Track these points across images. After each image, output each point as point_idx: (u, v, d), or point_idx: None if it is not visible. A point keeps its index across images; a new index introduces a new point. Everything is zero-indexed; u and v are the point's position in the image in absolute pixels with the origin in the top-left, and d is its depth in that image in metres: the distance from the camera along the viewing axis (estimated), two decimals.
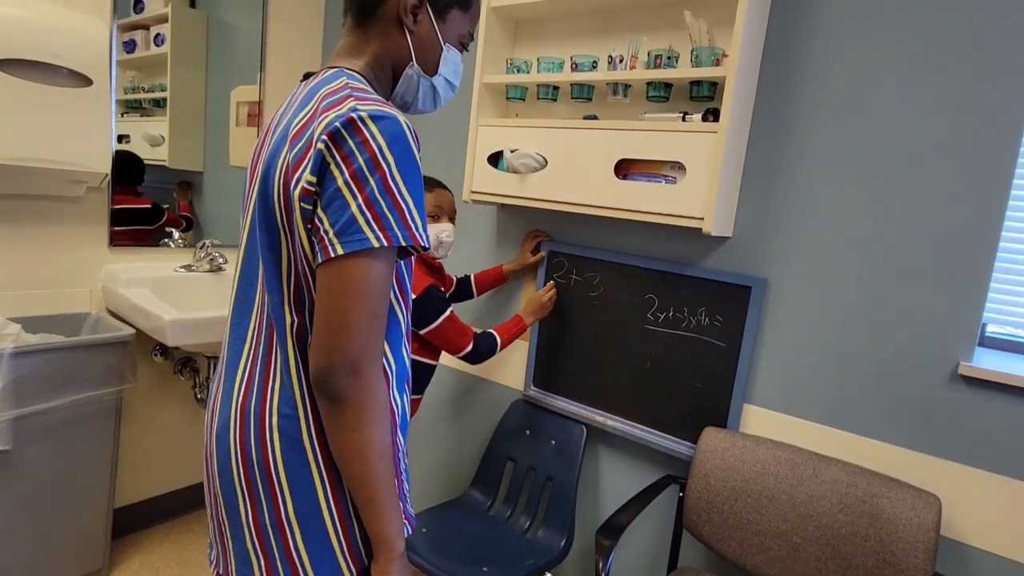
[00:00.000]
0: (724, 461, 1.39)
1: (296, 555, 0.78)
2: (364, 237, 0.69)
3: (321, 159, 0.71)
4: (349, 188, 0.69)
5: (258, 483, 0.78)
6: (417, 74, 0.87)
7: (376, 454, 0.73)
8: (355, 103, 0.72)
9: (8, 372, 1.47)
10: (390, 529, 0.76)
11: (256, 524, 0.79)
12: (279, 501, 0.77)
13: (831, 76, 1.32)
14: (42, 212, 1.71)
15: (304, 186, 0.71)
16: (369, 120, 0.70)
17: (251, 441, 0.78)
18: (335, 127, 0.70)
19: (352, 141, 0.70)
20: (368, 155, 0.70)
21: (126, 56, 1.95)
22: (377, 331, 0.72)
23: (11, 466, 1.53)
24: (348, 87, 0.75)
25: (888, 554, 1.19)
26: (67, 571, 1.72)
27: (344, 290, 0.70)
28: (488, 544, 1.60)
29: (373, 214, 0.70)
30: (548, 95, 1.65)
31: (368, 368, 0.71)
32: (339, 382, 0.70)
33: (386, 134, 0.71)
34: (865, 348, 1.31)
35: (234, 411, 0.80)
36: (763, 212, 1.42)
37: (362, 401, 0.71)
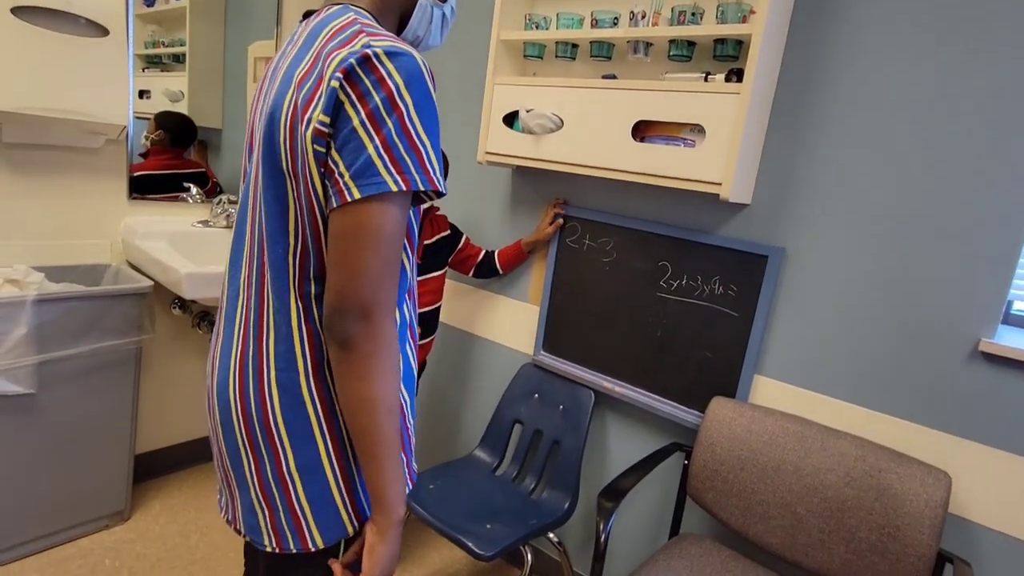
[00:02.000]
0: (731, 430, 1.38)
1: (299, 507, 0.77)
2: (382, 180, 0.66)
3: (335, 98, 0.67)
4: (365, 129, 0.66)
5: (258, 437, 0.77)
6: (430, 3, 0.84)
7: (384, 407, 0.71)
8: (368, 39, 0.68)
9: (32, 318, 1.51)
10: (391, 490, 0.74)
11: (259, 477, 0.78)
12: (280, 455, 0.76)
13: (865, 38, 1.26)
14: (62, 163, 1.73)
15: (316, 127, 0.67)
16: (385, 57, 0.67)
17: (250, 395, 0.76)
18: (349, 64, 0.66)
19: (368, 79, 0.66)
20: (385, 94, 0.66)
21: (146, 10, 1.94)
22: (391, 278, 0.70)
23: (36, 409, 1.59)
24: (358, 22, 0.72)
25: (893, 528, 1.17)
26: (91, 512, 1.79)
27: (358, 235, 0.67)
28: (494, 502, 1.63)
29: (391, 157, 0.66)
30: (567, 53, 1.60)
31: (380, 315, 0.69)
32: (350, 327, 0.68)
33: (403, 72, 0.67)
34: (883, 322, 1.27)
35: (233, 365, 0.78)
36: (784, 179, 1.37)
37: (372, 349, 0.69)
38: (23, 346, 1.51)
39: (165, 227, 1.90)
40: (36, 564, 1.66)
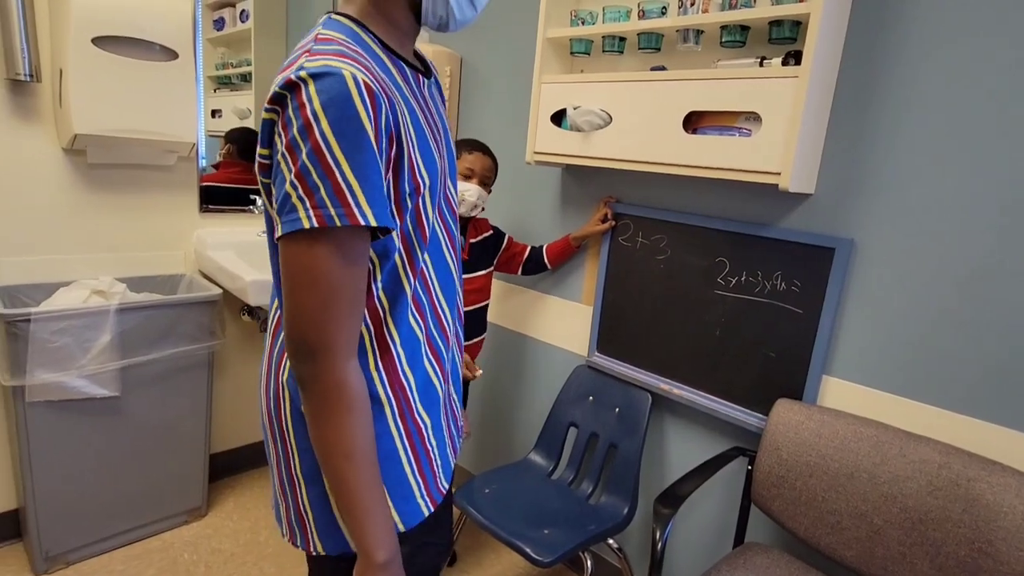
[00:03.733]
0: (798, 435, 1.30)
1: (304, 511, 0.80)
2: (296, 217, 0.62)
3: (268, 128, 0.65)
4: (285, 159, 0.62)
5: (277, 438, 0.80)
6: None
7: (341, 453, 0.67)
8: (304, 60, 0.63)
9: (115, 326, 1.63)
10: (365, 539, 0.70)
11: (278, 475, 0.82)
12: (291, 458, 0.79)
13: (940, 12, 1.16)
14: (139, 180, 1.86)
15: (260, 160, 0.67)
16: (309, 80, 0.61)
17: (271, 399, 0.80)
18: (275, 92, 0.63)
19: (291, 106, 0.62)
20: (302, 121, 0.61)
21: (216, 34, 2.06)
22: (334, 320, 0.65)
23: (119, 411, 1.71)
24: (313, 40, 0.67)
25: (985, 543, 1.07)
26: (171, 508, 1.90)
27: (291, 275, 0.64)
28: (550, 507, 1.61)
29: (304, 188, 0.61)
30: (614, 47, 1.57)
31: (327, 357, 0.65)
32: (299, 368, 0.67)
33: (323, 94, 0.61)
34: (967, 318, 1.16)
35: (261, 371, 0.83)
36: (851, 166, 1.28)
37: (320, 391, 0.66)
38: (108, 352, 1.62)
39: (232, 237, 2.00)
40: (123, 556, 1.78)
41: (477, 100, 2.08)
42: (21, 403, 1.53)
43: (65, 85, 1.54)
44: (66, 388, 1.57)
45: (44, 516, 1.64)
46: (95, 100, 1.57)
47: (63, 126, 1.62)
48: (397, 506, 0.79)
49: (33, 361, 1.51)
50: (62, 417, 1.61)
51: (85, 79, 1.54)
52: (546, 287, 1.94)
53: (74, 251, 1.78)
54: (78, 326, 1.56)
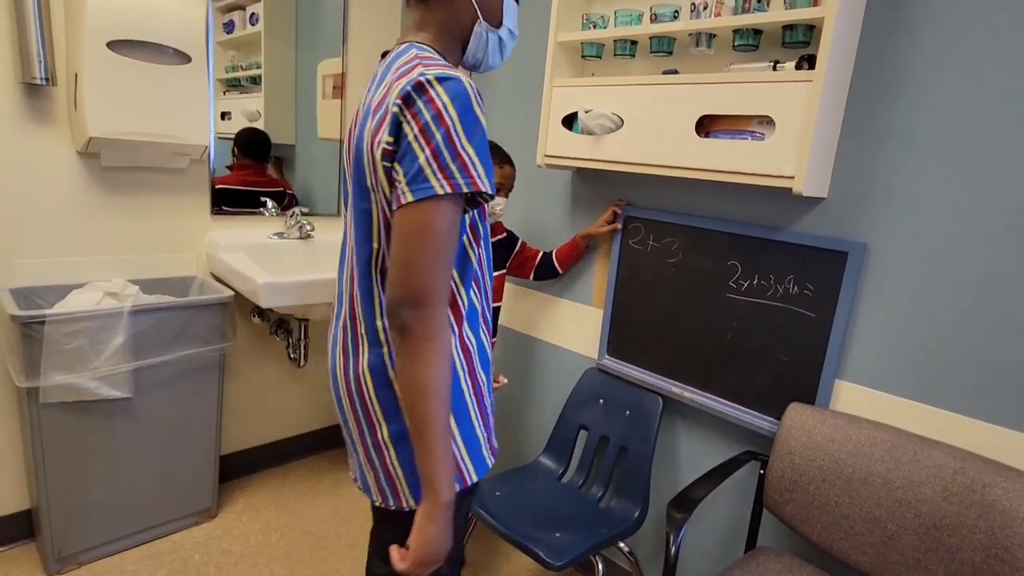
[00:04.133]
0: (811, 439, 1.30)
1: (393, 471, 0.91)
2: (429, 185, 0.77)
3: (396, 120, 0.79)
4: (418, 142, 0.77)
5: (359, 411, 0.92)
6: (485, 30, 0.94)
7: (431, 389, 0.78)
8: (423, 69, 0.80)
9: (128, 328, 1.64)
10: (439, 472, 0.80)
11: (362, 444, 0.94)
12: (376, 426, 0.91)
13: (953, 13, 1.15)
14: (152, 183, 1.87)
15: (384, 146, 0.80)
16: (435, 81, 0.78)
17: (350, 375, 0.92)
18: (406, 91, 0.78)
19: (420, 101, 0.78)
20: (434, 112, 0.77)
21: (226, 36, 2.07)
22: (442, 271, 0.79)
23: (132, 412, 1.72)
24: (417, 57, 0.84)
25: (1001, 550, 1.06)
26: (182, 509, 1.91)
27: (412, 232, 0.78)
28: (561, 510, 1.61)
29: (438, 164, 0.77)
30: (625, 51, 1.57)
31: (432, 304, 0.78)
32: (404, 314, 0.78)
33: (449, 92, 0.78)
34: (981, 321, 1.16)
35: (337, 351, 0.94)
36: (865, 170, 1.28)
37: (424, 334, 0.78)
38: (121, 353, 1.63)
39: (244, 240, 2.01)
40: (134, 557, 1.79)
41: (488, 103, 2.09)
42: (35, 404, 1.54)
43: (80, 89, 1.55)
44: (80, 389, 1.58)
45: (57, 516, 1.65)
46: (109, 103, 1.58)
47: (78, 129, 1.63)
48: (471, 455, 0.93)
49: (47, 363, 1.52)
50: (75, 418, 1.62)
51: (100, 83, 1.55)
52: (556, 290, 1.94)
53: (87, 253, 1.79)
54: (92, 328, 1.57)
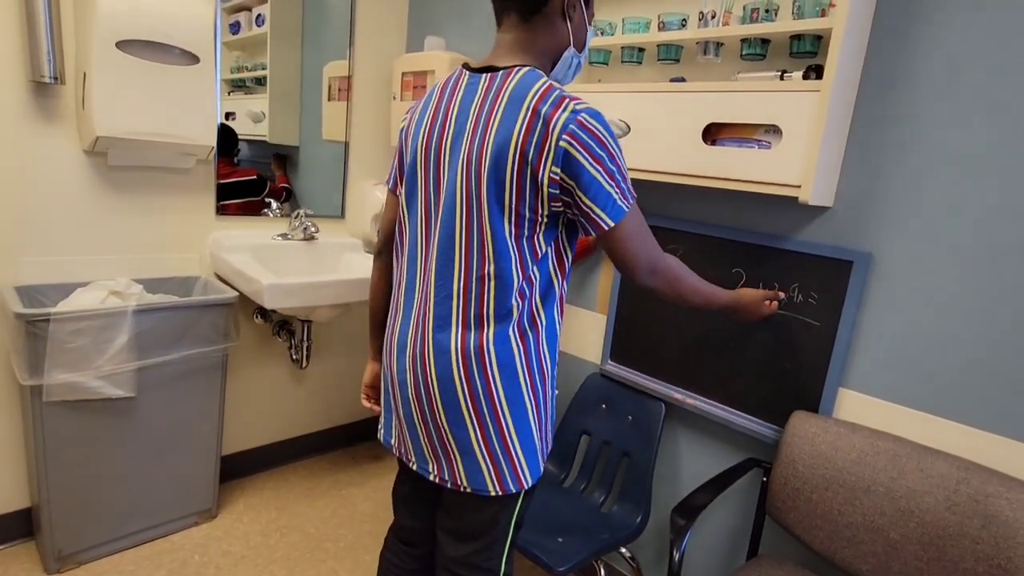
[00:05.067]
0: (814, 447, 1.30)
1: (515, 452, 1.04)
2: (620, 208, 0.96)
3: (564, 154, 0.91)
4: (595, 168, 0.92)
5: (484, 409, 1.01)
6: (572, 55, 1.05)
7: (691, 290, 1.11)
8: (572, 104, 0.91)
9: (132, 327, 1.64)
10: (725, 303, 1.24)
11: (485, 441, 1.02)
12: (501, 419, 1.02)
13: (962, 24, 1.16)
14: (158, 183, 1.87)
15: (550, 176, 0.92)
16: (591, 118, 0.91)
17: (476, 376, 1.00)
18: (572, 129, 0.90)
19: (589, 138, 0.91)
20: (600, 146, 0.92)
21: (232, 37, 2.08)
22: (652, 244, 1.02)
23: (134, 412, 1.71)
24: (553, 87, 0.94)
25: (1004, 560, 1.07)
26: (182, 509, 1.91)
27: (624, 241, 0.98)
28: (563, 515, 1.61)
29: (619, 190, 0.95)
30: (633, 58, 1.58)
31: (659, 265, 1.04)
32: (650, 283, 1.04)
33: (604, 127, 0.92)
34: (985, 332, 1.16)
35: (454, 353, 1.00)
36: (871, 180, 1.29)
37: (668, 280, 1.06)
38: (124, 353, 1.63)
39: (248, 240, 2.01)
40: (133, 556, 1.79)
41: None
42: (38, 402, 1.54)
43: (88, 88, 1.55)
44: (83, 388, 1.58)
45: (57, 515, 1.64)
46: (117, 103, 1.58)
47: (85, 128, 1.63)
48: (528, 462, 1.06)
49: (51, 361, 1.52)
50: (78, 417, 1.61)
51: (108, 82, 1.56)
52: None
53: (92, 252, 1.79)
54: (96, 327, 1.57)
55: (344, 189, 2.36)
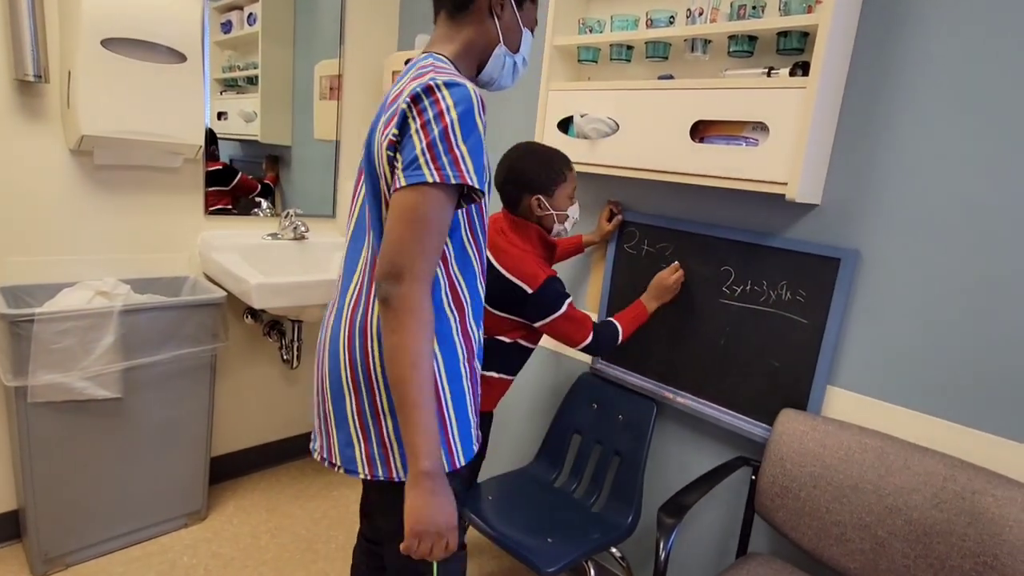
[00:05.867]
0: (803, 445, 1.30)
1: (388, 441, 0.96)
2: (421, 173, 0.85)
3: (403, 116, 0.87)
4: (418, 134, 0.85)
5: (360, 380, 0.95)
6: (504, 53, 1.04)
7: (409, 359, 0.84)
8: (434, 74, 0.88)
9: (119, 328, 1.63)
10: (420, 446, 0.84)
11: (359, 412, 0.96)
12: (376, 394, 0.94)
13: (948, 18, 1.16)
14: (146, 182, 1.86)
15: (390, 138, 0.88)
16: (443, 86, 0.87)
17: (356, 347, 0.95)
18: (416, 91, 0.87)
19: (427, 100, 0.86)
20: (436, 110, 0.86)
21: (223, 36, 2.06)
22: (426, 251, 0.85)
23: (121, 413, 1.70)
24: (432, 66, 0.92)
25: (990, 557, 1.06)
26: (172, 511, 1.90)
27: (401, 214, 0.86)
28: (554, 515, 1.60)
29: (431, 155, 0.85)
30: (621, 55, 1.57)
31: (411, 280, 0.84)
32: (386, 287, 0.85)
33: (454, 96, 0.86)
34: (976, 329, 1.16)
35: (344, 325, 0.97)
36: (858, 177, 1.28)
37: (402, 307, 0.84)
38: (111, 353, 1.62)
39: (237, 240, 2.00)
40: (122, 559, 1.77)
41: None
42: (23, 403, 1.53)
43: (73, 86, 1.54)
44: (69, 389, 1.57)
45: (44, 517, 1.63)
46: (103, 101, 1.57)
47: (70, 127, 1.62)
48: (461, 438, 0.98)
49: (36, 362, 1.51)
50: (64, 418, 1.60)
51: (93, 81, 1.54)
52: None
53: (79, 252, 1.77)
54: (81, 327, 1.56)
55: (335, 188, 2.35)
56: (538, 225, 1.43)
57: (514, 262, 1.39)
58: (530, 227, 1.43)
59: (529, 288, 1.36)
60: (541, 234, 1.45)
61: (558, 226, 1.45)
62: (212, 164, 2.08)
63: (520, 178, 1.40)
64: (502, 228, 1.46)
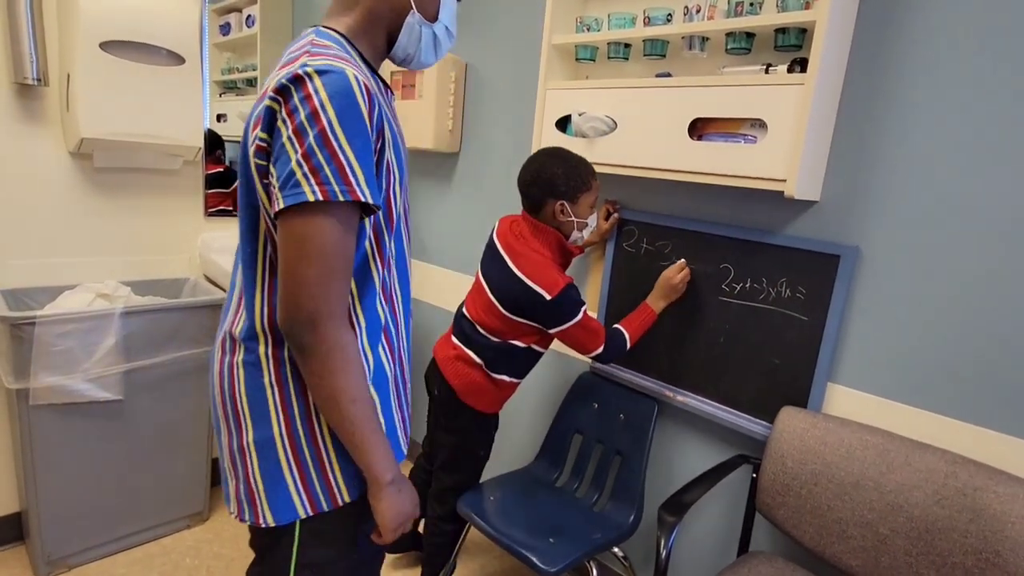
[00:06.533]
0: (803, 443, 1.29)
1: (253, 482, 0.83)
2: (301, 191, 0.69)
3: (270, 115, 0.72)
4: (291, 142, 0.70)
5: (228, 409, 0.85)
6: (419, 22, 0.86)
7: (347, 400, 0.77)
8: (307, 59, 0.72)
9: (120, 329, 1.63)
10: (376, 466, 0.81)
11: (228, 447, 0.86)
12: (242, 427, 0.83)
13: (947, 15, 1.16)
14: (146, 184, 1.87)
15: (257, 143, 0.74)
16: (315, 75, 0.70)
17: (224, 371, 0.85)
18: (282, 83, 0.71)
19: (297, 96, 0.70)
20: (309, 109, 0.70)
21: (222, 39, 2.07)
22: (335, 288, 0.74)
23: (123, 415, 1.71)
24: (309, 44, 0.76)
25: (992, 554, 1.06)
26: (173, 512, 1.90)
27: (295, 247, 0.72)
28: (555, 515, 1.60)
29: (310, 166, 0.69)
30: (619, 54, 1.57)
31: (327, 323, 0.73)
32: (301, 337, 0.74)
33: (329, 87, 0.70)
34: (973, 326, 1.16)
35: (216, 355, 0.88)
36: (857, 174, 1.28)
37: (325, 352, 0.74)
38: (112, 355, 1.62)
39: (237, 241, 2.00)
40: (124, 560, 1.78)
41: (482, 105, 2.09)
42: (25, 406, 1.53)
43: (73, 89, 1.55)
44: (70, 391, 1.57)
45: (46, 519, 1.63)
46: (102, 104, 1.58)
47: (70, 130, 1.62)
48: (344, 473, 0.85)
49: (37, 364, 1.51)
50: (65, 420, 1.61)
51: (92, 83, 1.55)
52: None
53: (79, 254, 1.78)
54: (82, 329, 1.57)
55: None
56: (557, 231, 1.44)
57: (534, 267, 1.40)
58: (550, 233, 1.45)
59: (548, 294, 1.37)
60: (560, 240, 1.47)
61: (576, 233, 1.47)
62: (212, 167, 2.08)
63: (547, 182, 1.41)
64: (522, 232, 1.47)
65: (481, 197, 2.11)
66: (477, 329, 1.51)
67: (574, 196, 1.42)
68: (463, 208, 2.18)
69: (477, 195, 2.12)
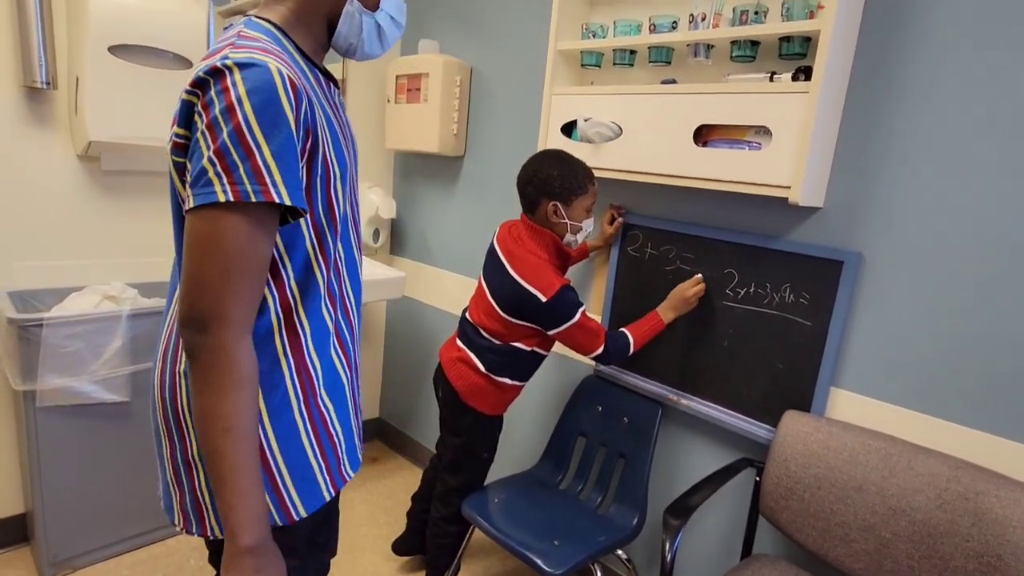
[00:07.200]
0: (806, 446, 1.31)
1: (200, 494, 0.80)
2: (212, 191, 0.65)
3: (187, 109, 0.69)
4: (204, 137, 0.66)
5: (171, 421, 0.80)
6: (358, 11, 0.82)
7: (220, 425, 0.68)
8: (229, 51, 0.68)
9: (127, 331, 1.64)
10: (232, 515, 0.69)
11: (172, 459, 0.81)
12: (187, 440, 0.79)
13: (950, 24, 1.17)
14: (151, 187, 1.88)
15: (174, 140, 0.70)
16: (235, 68, 0.66)
17: (166, 382, 0.80)
18: (200, 76, 0.67)
19: (214, 89, 0.66)
20: (225, 103, 0.66)
21: None
22: (236, 291, 0.68)
23: (128, 416, 1.71)
24: (236, 36, 0.72)
25: (994, 558, 1.07)
26: None
27: (200, 247, 0.67)
28: (559, 517, 1.61)
29: (223, 165, 0.65)
30: (625, 60, 1.58)
31: (219, 326, 0.67)
32: (189, 336, 0.68)
33: (248, 81, 0.66)
34: (975, 331, 1.17)
35: (158, 362, 0.82)
36: (860, 180, 1.29)
37: (209, 362, 0.68)
38: (119, 357, 1.63)
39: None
40: (129, 561, 1.78)
41: (487, 110, 2.10)
42: (32, 408, 1.54)
43: (81, 93, 1.55)
44: (77, 393, 1.58)
45: (52, 521, 1.64)
46: (110, 107, 1.59)
47: (78, 133, 1.63)
48: (297, 487, 0.81)
49: (45, 366, 1.52)
50: (72, 422, 1.61)
51: (101, 87, 1.56)
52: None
53: (87, 257, 1.79)
54: (90, 331, 1.57)
55: None
56: (553, 232, 1.46)
57: (530, 270, 1.41)
58: (546, 234, 1.46)
59: (544, 296, 1.38)
60: (556, 242, 1.48)
61: (570, 236, 1.48)
62: None
63: (542, 182, 1.43)
64: (520, 235, 1.49)
65: (485, 201, 2.12)
66: (480, 332, 1.52)
67: (568, 198, 1.43)
68: (467, 212, 2.19)
69: (481, 199, 2.13)
